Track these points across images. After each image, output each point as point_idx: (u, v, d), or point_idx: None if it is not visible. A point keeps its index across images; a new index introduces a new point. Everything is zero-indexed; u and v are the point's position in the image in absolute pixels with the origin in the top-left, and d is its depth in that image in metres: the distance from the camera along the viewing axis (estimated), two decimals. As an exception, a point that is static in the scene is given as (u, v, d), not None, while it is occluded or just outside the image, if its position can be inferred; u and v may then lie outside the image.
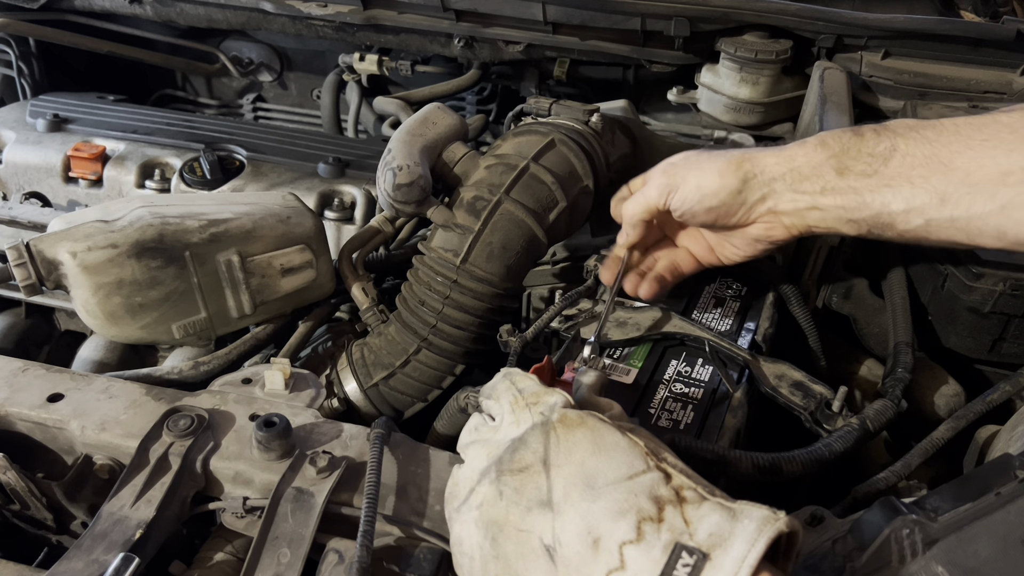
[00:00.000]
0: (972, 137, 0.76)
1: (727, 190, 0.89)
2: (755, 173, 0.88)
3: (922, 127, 0.80)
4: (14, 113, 1.74)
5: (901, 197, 0.80)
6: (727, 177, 0.88)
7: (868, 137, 0.82)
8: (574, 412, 0.67)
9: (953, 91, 1.50)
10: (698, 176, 0.90)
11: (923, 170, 0.79)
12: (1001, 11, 1.61)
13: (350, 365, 1.15)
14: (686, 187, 0.91)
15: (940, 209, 0.78)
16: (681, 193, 0.91)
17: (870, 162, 0.82)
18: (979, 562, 0.60)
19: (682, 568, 0.54)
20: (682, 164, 0.93)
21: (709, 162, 0.90)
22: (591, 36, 1.69)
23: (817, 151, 0.85)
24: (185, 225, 1.05)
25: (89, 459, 0.89)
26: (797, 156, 0.86)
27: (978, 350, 1.17)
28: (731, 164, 0.88)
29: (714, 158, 0.90)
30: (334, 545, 0.77)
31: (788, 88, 1.66)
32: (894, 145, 0.81)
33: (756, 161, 0.88)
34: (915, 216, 0.81)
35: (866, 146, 0.82)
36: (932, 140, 0.79)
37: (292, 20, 1.81)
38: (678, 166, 0.93)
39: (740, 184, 0.88)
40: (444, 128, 1.18)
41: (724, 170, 0.89)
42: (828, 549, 0.69)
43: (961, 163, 0.76)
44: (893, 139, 0.81)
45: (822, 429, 0.95)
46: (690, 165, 0.92)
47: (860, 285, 1.24)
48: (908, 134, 0.81)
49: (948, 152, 0.77)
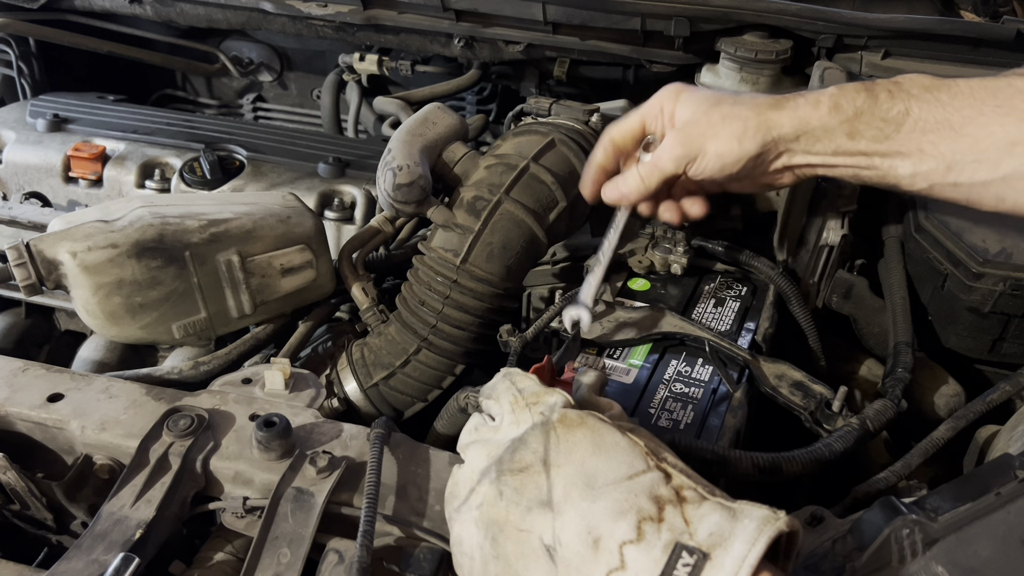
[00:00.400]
0: (985, 102, 0.76)
1: (747, 156, 0.87)
2: (773, 136, 0.86)
3: (936, 88, 0.79)
4: (14, 113, 1.74)
5: (909, 163, 0.81)
6: (747, 143, 0.86)
7: (882, 99, 0.81)
8: (574, 412, 0.67)
9: (953, 91, 1.50)
10: (716, 144, 0.87)
11: (934, 136, 0.79)
12: (1001, 11, 1.61)
13: (350, 365, 1.15)
14: (705, 157, 0.89)
15: (945, 175, 0.79)
16: (700, 163, 0.89)
17: (882, 127, 0.81)
18: (979, 562, 0.60)
19: (682, 568, 0.54)
20: (696, 129, 0.89)
21: (726, 126, 0.87)
22: (591, 36, 1.69)
23: (831, 115, 0.83)
24: (185, 225, 1.05)
25: (89, 459, 0.89)
26: (811, 118, 0.85)
27: (978, 350, 1.17)
28: (749, 129, 0.86)
29: (730, 120, 0.87)
30: (334, 545, 0.77)
31: (788, 88, 1.66)
32: (907, 108, 0.80)
33: (773, 123, 0.86)
34: (920, 180, 0.82)
35: (879, 109, 0.81)
36: (945, 103, 0.78)
37: (292, 20, 1.81)
38: (691, 132, 0.89)
39: (759, 149, 0.87)
40: (444, 128, 1.18)
41: (743, 136, 0.86)
42: (828, 549, 0.69)
43: (971, 130, 0.76)
44: (907, 102, 0.80)
45: (822, 429, 0.95)
46: (705, 134, 0.88)
47: (860, 285, 1.24)
48: (922, 96, 0.80)
49: (960, 117, 0.77)
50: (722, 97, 0.89)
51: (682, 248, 1.19)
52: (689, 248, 1.19)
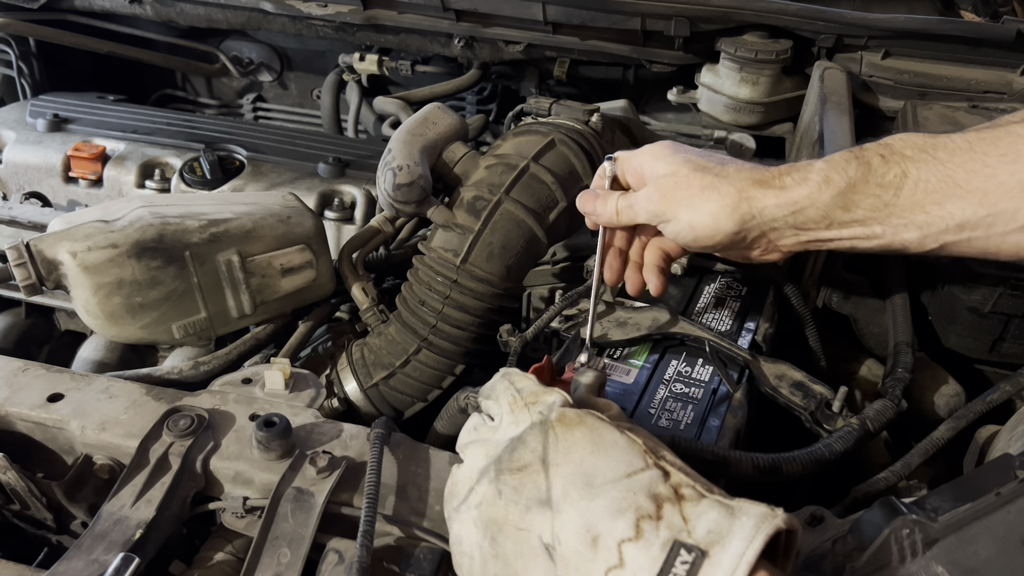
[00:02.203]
0: (988, 154, 0.71)
1: (723, 233, 0.82)
2: (753, 215, 0.81)
3: (933, 147, 0.74)
4: (14, 113, 1.74)
5: (915, 226, 0.75)
6: (723, 221, 0.81)
7: (876, 166, 0.76)
8: (573, 411, 0.67)
9: (953, 91, 1.50)
10: (691, 215, 0.82)
11: (938, 196, 0.73)
12: (1001, 11, 1.61)
13: (350, 365, 1.15)
14: (678, 223, 0.84)
15: (958, 234, 0.74)
16: (673, 227, 0.85)
17: (880, 194, 0.75)
18: (979, 562, 0.60)
19: (681, 565, 0.54)
20: (671, 193, 0.84)
21: (704, 201, 0.82)
22: (591, 36, 1.69)
23: (822, 190, 0.77)
24: (185, 225, 1.05)
25: (89, 459, 0.89)
26: (800, 197, 0.79)
27: (978, 350, 1.17)
28: (727, 206, 0.80)
29: (708, 194, 0.81)
30: (334, 545, 0.77)
31: (788, 88, 1.66)
32: (905, 171, 0.74)
33: (754, 203, 0.80)
34: (930, 241, 0.76)
35: (874, 177, 0.75)
36: (945, 161, 0.73)
37: (292, 20, 1.82)
38: (667, 195, 0.84)
39: (737, 227, 0.81)
40: (444, 128, 1.18)
41: (719, 213, 0.81)
42: (828, 549, 0.69)
43: (978, 183, 0.71)
44: (903, 164, 0.75)
45: (822, 429, 0.95)
46: (681, 199, 0.83)
47: (860, 285, 1.24)
48: (919, 157, 0.74)
49: (963, 173, 0.72)
50: (705, 164, 0.83)
51: (682, 248, 1.19)
52: (689, 248, 1.19)
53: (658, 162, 0.85)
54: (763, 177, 0.81)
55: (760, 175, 0.81)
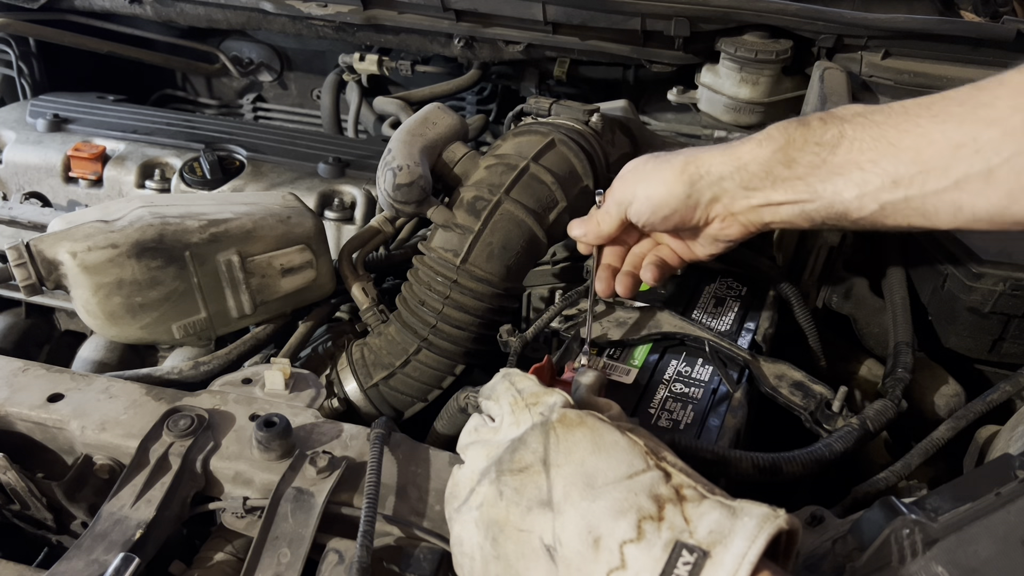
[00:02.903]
0: (920, 115, 0.74)
1: (675, 197, 0.88)
2: (700, 175, 0.86)
3: (870, 111, 0.79)
4: (14, 113, 1.74)
5: (852, 183, 0.79)
6: (673, 184, 0.88)
7: (814, 126, 0.81)
8: (573, 412, 0.67)
9: (953, 91, 1.50)
10: (646, 188, 0.90)
11: (872, 154, 0.77)
12: (1001, 11, 1.61)
13: (350, 365, 1.15)
14: (637, 201, 0.91)
15: (893, 191, 0.77)
16: (635, 207, 0.92)
17: (817, 151, 0.80)
18: (979, 562, 0.60)
19: (683, 566, 0.54)
20: (631, 176, 0.93)
21: (656, 171, 0.90)
22: (591, 36, 1.69)
23: (763, 146, 0.83)
24: (185, 225, 1.05)
25: (89, 459, 0.89)
26: (744, 153, 0.84)
27: (978, 350, 1.17)
28: (675, 170, 0.88)
29: (660, 166, 0.90)
30: (334, 545, 0.77)
31: (788, 88, 1.66)
32: (841, 132, 0.79)
33: (701, 162, 0.87)
34: (868, 201, 0.79)
35: (812, 135, 0.80)
36: (880, 123, 0.77)
37: (292, 20, 1.81)
38: (627, 179, 0.93)
39: (688, 188, 0.87)
40: (444, 128, 1.18)
41: (669, 178, 0.88)
42: (828, 549, 0.69)
43: (910, 142, 0.74)
44: (840, 125, 0.79)
45: (822, 429, 0.95)
46: (638, 176, 0.92)
47: (860, 285, 1.24)
48: (855, 119, 0.79)
49: (896, 132, 0.75)
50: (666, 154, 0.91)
51: (682, 248, 1.19)
52: (689, 248, 1.19)
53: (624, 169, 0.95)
54: (711, 147, 0.88)
55: (709, 146, 0.89)
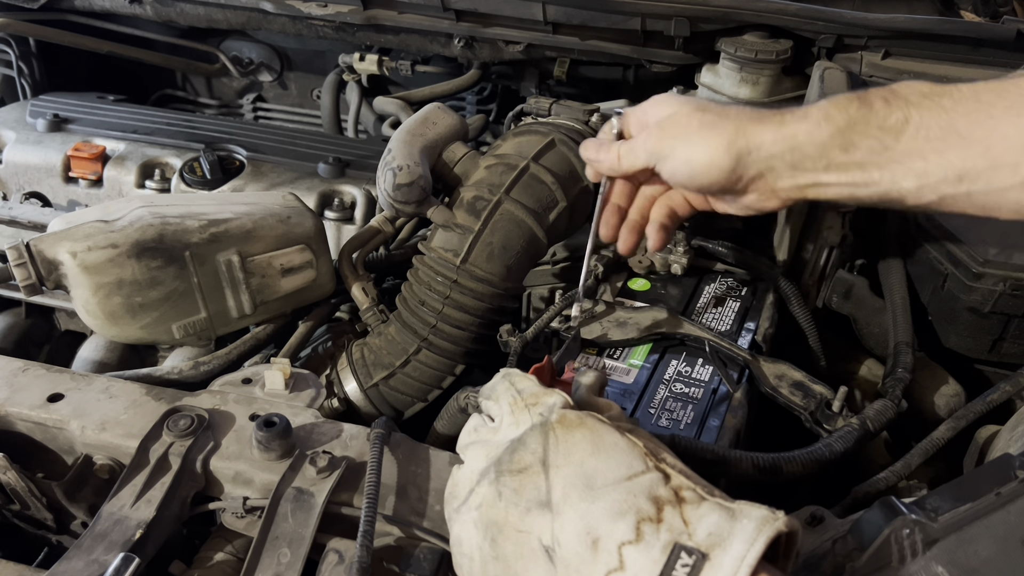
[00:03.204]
0: (993, 104, 0.69)
1: (718, 169, 0.80)
2: (750, 149, 0.79)
3: (938, 94, 0.73)
4: (14, 113, 1.74)
5: (913, 174, 0.73)
6: (718, 155, 0.80)
7: (877, 107, 0.74)
8: (573, 413, 0.67)
9: (953, 91, 1.50)
10: (687, 150, 0.82)
11: (939, 143, 0.71)
12: (1001, 11, 1.61)
13: (350, 365, 1.15)
14: (675, 160, 0.83)
15: (956, 185, 0.72)
16: (670, 165, 0.84)
17: (880, 137, 0.74)
18: (979, 562, 0.60)
19: (681, 568, 0.54)
20: (672, 128, 0.83)
21: (701, 134, 0.81)
22: (591, 36, 1.69)
23: (821, 126, 0.76)
24: (185, 225, 1.05)
25: (89, 459, 0.89)
26: (799, 132, 0.77)
27: (978, 350, 1.17)
28: (723, 141, 0.79)
29: (707, 130, 0.81)
30: (334, 545, 0.77)
31: (788, 88, 1.66)
32: (907, 116, 0.73)
33: (752, 136, 0.79)
34: (928, 192, 0.74)
35: (875, 117, 0.74)
36: (949, 109, 0.71)
37: (292, 20, 1.81)
38: (667, 130, 0.84)
39: (733, 163, 0.80)
40: (444, 128, 1.18)
41: (715, 146, 0.80)
42: (828, 549, 0.69)
43: (981, 134, 0.70)
44: (906, 109, 0.73)
45: (822, 429, 0.95)
46: (679, 135, 0.83)
47: (860, 285, 1.24)
48: (923, 103, 0.73)
49: (967, 122, 0.70)
50: (708, 105, 0.84)
51: (682, 248, 1.19)
52: (689, 248, 1.19)
53: (660, 107, 0.86)
54: (762, 114, 0.80)
55: (759, 113, 0.80)
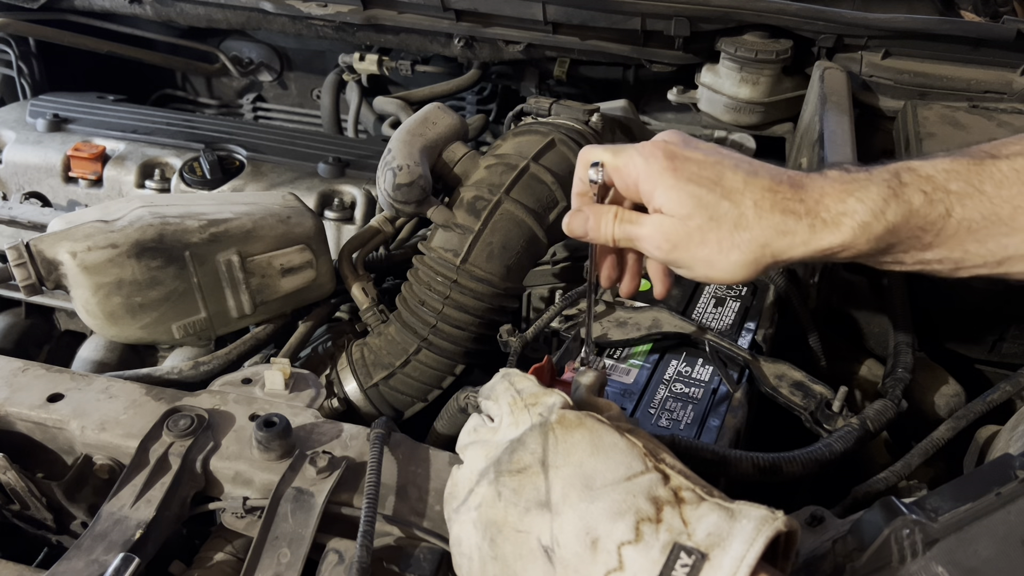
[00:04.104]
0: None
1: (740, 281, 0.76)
2: (777, 261, 0.73)
3: (979, 178, 0.69)
4: (14, 113, 1.74)
5: (950, 261, 0.71)
6: (742, 273, 0.73)
7: (917, 206, 0.69)
8: (572, 413, 0.67)
9: (953, 91, 1.50)
10: (707, 268, 0.74)
11: (980, 234, 0.69)
12: (1001, 11, 1.61)
13: (350, 365, 1.15)
14: (692, 272, 0.76)
15: (995, 268, 0.71)
16: (686, 273, 0.77)
17: (920, 236, 0.70)
18: (979, 562, 0.60)
19: (680, 568, 0.54)
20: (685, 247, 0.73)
21: (721, 257, 0.72)
22: (591, 36, 1.69)
23: (857, 236, 0.70)
24: (185, 225, 1.05)
25: (89, 459, 0.89)
26: (832, 246, 0.71)
27: (978, 350, 1.17)
28: (748, 260, 0.72)
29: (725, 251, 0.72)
30: (334, 545, 0.77)
31: (788, 88, 1.66)
32: (949, 210, 0.69)
33: (780, 255, 0.72)
34: (963, 272, 0.72)
35: (915, 219, 0.69)
36: (992, 196, 0.68)
37: (292, 20, 1.82)
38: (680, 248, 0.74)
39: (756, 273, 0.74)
40: (444, 128, 1.18)
41: (739, 267, 0.73)
42: (828, 549, 0.69)
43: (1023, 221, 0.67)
44: (947, 201, 0.69)
45: (822, 429, 0.95)
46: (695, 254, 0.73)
47: (860, 285, 1.24)
48: (964, 192, 0.69)
49: (1010, 208, 0.67)
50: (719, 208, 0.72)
51: (682, 248, 1.18)
52: (689, 248, 1.19)
53: (658, 190, 0.73)
54: (788, 223, 0.71)
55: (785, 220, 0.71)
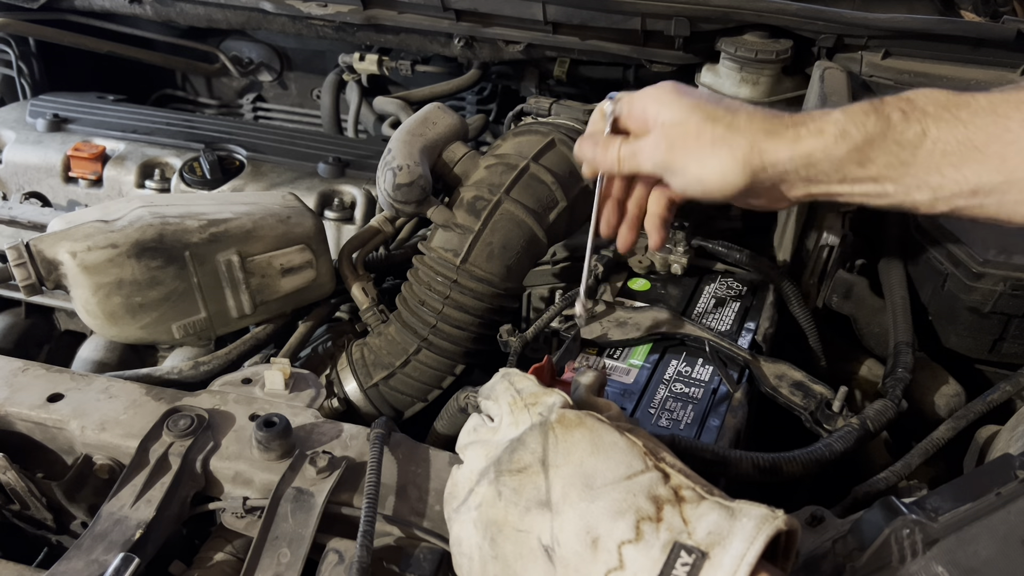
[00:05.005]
0: (1011, 117, 0.68)
1: (731, 187, 0.78)
2: (765, 167, 0.77)
3: (955, 105, 0.71)
4: (14, 113, 1.74)
5: (928, 187, 0.73)
6: (732, 174, 0.77)
7: (895, 121, 0.73)
8: (572, 412, 0.67)
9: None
10: (699, 167, 0.78)
11: (955, 158, 0.71)
12: (1001, 11, 1.61)
13: (350, 365, 1.15)
14: (686, 176, 0.80)
15: (970, 198, 0.72)
16: (680, 180, 0.81)
17: (897, 152, 0.73)
18: (979, 562, 0.60)
19: (681, 567, 0.54)
20: (679, 143, 0.79)
21: (714, 150, 0.77)
22: (591, 36, 1.69)
23: (838, 143, 0.74)
24: (185, 225, 1.05)
25: (89, 459, 0.89)
26: (815, 150, 0.75)
27: (978, 350, 1.17)
28: (737, 159, 0.76)
29: (716, 145, 0.77)
30: (334, 545, 0.77)
31: (788, 88, 1.66)
32: (924, 130, 0.71)
33: (766, 155, 0.76)
34: (941, 204, 0.74)
35: (892, 132, 0.72)
36: (966, 121, 0.70)
37: (292, 20, 1.81)
38: (675, 145, 0.79)
39: (748, 180, 0.77)
40: (444, 128, 1.18)
41: (729, 165, 0.77)
42: (828, 549, 0.69)
43: (997, 148, 0.69)
44: (923, 122, 0.72)
45: (822, 429, 0.95)
46: (690, 151, 0.78)
47: (860, 285, 1.24)
48: (940, 114, 0.71)
49: (984, 135, 0.69)
50: (717, 113, 0.78)
51: (682, 248, 1.19)
52: (689, 248, 1.19)
53: (663, 107, 0.80)
54: (775, 127, 0.77)
55: (772, 125, 0.77)
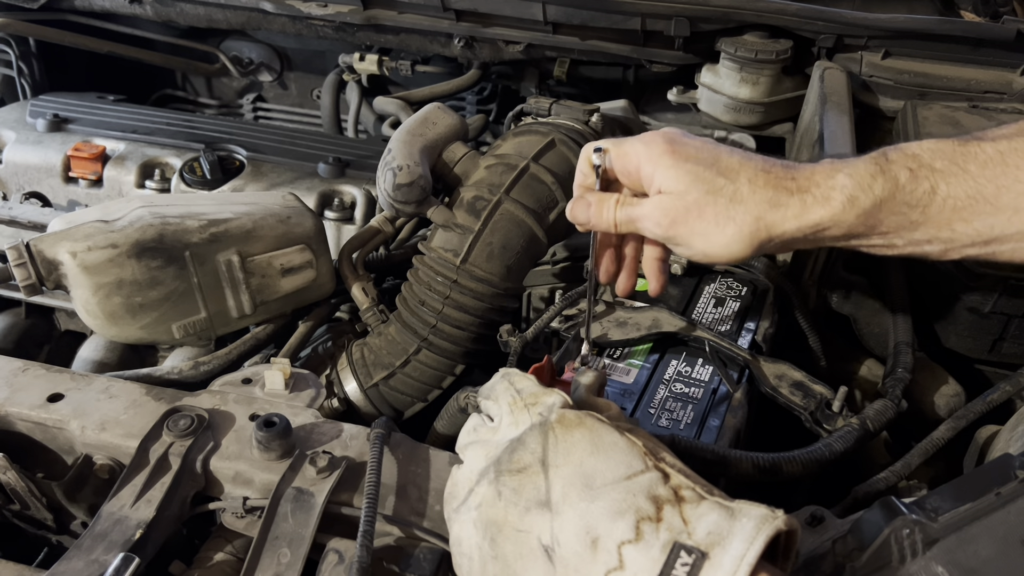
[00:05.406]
0: (1021, 167, 0.68)
1: (738, 258, 0.78)
2: (771, 238, 0.76)
3: (963, 158, 0.71)
4: (14, 113, 1.74)
5: (939, 241, 0.73)
6: (736, 247, 0.76)
7: (903, 182, 0.71)
8: (572, 412, 0.67)
9: (953, 91, 1.50)
10: (704, 243, 0.77)
11: (966, 213, 0.71)
12: (1001, 11, 1.61)
13: (350, 365, 1.15)
14: (691, 249, 0.78)
15: (983, 248, 0.72)
16: (684, 251, 0.80)
17: (907, 212, 0.72)
18: (979, 562, 0.60)
19: (681, 567, 0.54)
20: (683, 221, 0.76)
21: (717, 231, 0.75)
22: (591, 36, 1.69)
23: (846, 211, 0.73)
24: (185, 225, 1.05)
25: (89, 459, 0.89)
26: (823, 219, 0.74)
27: (978, 350, 1.17)
28: (743, 234, 0.75)
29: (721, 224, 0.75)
30: (334, 545, 0.77)
31: (788, 88, 1.66)
32: (934, 187, 0.71)
33: (773, 229, 0.75)
34: (953, 254, 0.74)
35: (901, 194, 0.71)
36: (976, 175, 0.70)
37: (292, 20, 1.82)
38: (678, 223, 0.77)
39: (752, 252, 0.77)
40: (444, 128, 1.18)
41: (735, 240, 0.75)
42: (828, 549, 0.69)
43: (1009, 200, 0.69)
44: (931, 178, 0.71)
45: (822, 429, 0.95)
46: (693, 228, 0.76)
47: (860, 285, 1.24)
48: (949, 170, 0.71)
49: (994, 188, 0.69)
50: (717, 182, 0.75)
51: (682, 248, 1.19)
52: (689, 248, 1.19)
53: (659, 171, 0.77)
54: (780, 197, 0.74)
55: (777, 193, 0.75)
